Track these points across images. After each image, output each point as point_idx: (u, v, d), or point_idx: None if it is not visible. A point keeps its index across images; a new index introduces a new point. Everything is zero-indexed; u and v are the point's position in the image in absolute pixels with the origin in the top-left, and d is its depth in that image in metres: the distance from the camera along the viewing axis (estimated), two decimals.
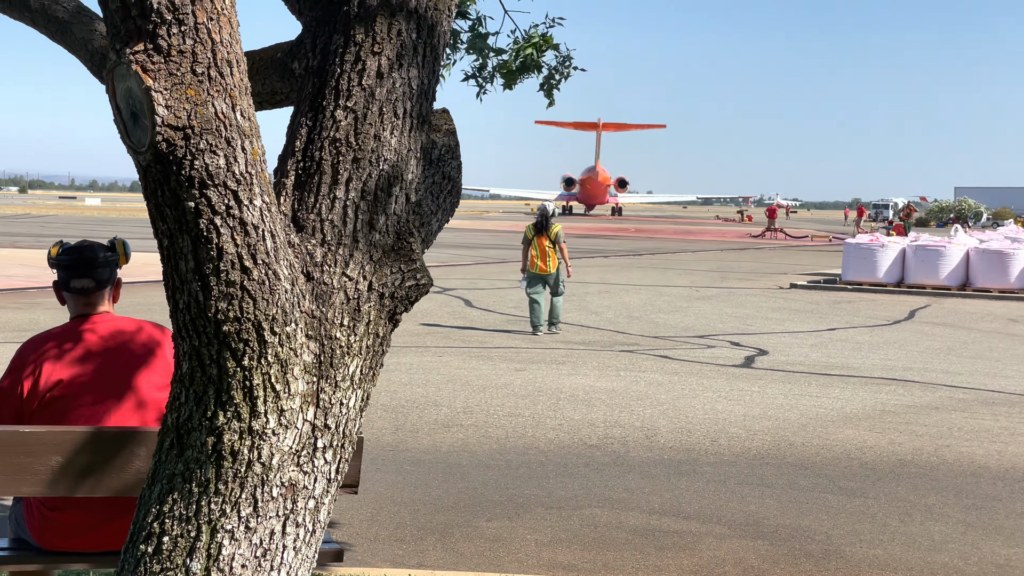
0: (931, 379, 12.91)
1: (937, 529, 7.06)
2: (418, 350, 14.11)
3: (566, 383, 11.99)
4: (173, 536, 2.55)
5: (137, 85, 2.29)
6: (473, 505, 7.31)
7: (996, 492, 7.99)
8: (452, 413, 10.21)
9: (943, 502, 7.69)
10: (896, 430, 9.95)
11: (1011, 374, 13.46)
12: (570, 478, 8.06)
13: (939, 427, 10.13)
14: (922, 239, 27.52)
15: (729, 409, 10.74)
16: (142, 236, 4.43)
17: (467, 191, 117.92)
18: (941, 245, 25.79)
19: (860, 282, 25.95)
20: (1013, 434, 9.91)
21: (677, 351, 14.87)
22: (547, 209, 16.96)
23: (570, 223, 73.01)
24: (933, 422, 10.36)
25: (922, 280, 25.42)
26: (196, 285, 2.45)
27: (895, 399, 11.53)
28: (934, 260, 25.41)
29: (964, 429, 10.07)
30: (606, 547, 6.53)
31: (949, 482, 8.23)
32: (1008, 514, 7.44)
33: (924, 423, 10.30)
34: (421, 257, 2.80)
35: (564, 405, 10.73)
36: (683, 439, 9.40)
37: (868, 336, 17.24)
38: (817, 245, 53.34)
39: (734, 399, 11.30)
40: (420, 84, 2.77)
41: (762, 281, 27.79)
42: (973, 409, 11.08)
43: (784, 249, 47.80)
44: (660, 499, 7.58)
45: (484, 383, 11.86)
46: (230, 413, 2.52)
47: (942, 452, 9.15)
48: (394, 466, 8.25)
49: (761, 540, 6.74)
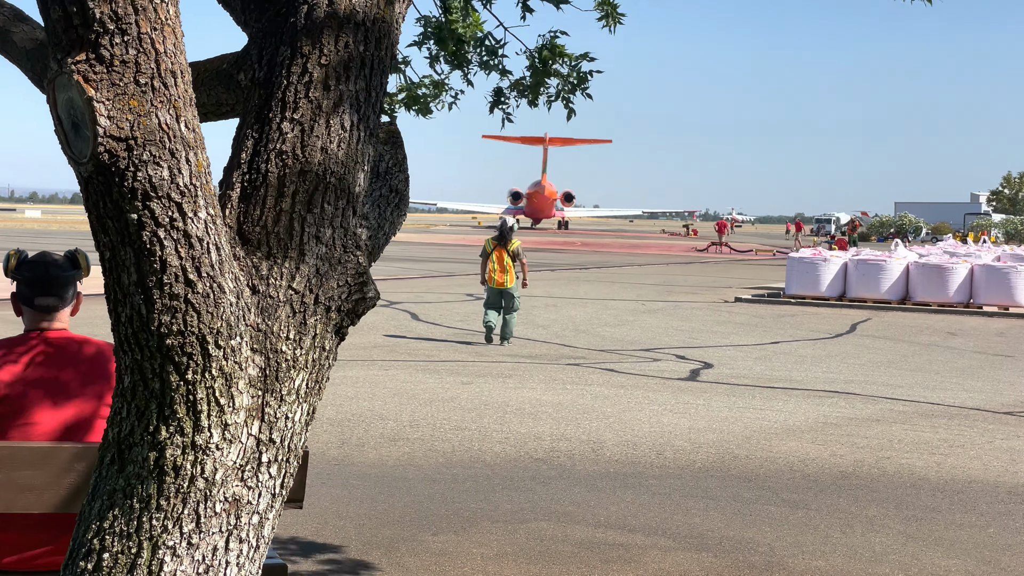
0: (872, 392, 13.05)
1: (878, 540, 7.13)
2: (365, 363, 14.06)
3: (513, 396, 11.99)
4: (114, 553, 2.51)
5: (79, 95, 2.26)
6: (419, 519, 7.29)
7: (936, 503, 8.08)
8: (398, 427, 10.17)
9: (884, 513, 7.77)
10: (838, 442, 10.05)
11: (950, 387, 13.64)
12: (516, 492, 8.06)
13: (880, 439, 10.24)
14: (863, 254, 27.85)
15: (674, 422, 10.80)
16: (84, 249, 4.37)
17: (414, 204, 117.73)
18: (882, 260, 26.12)
19: (803, 296, 26.20)
20: (952, 446, 10.04)
21: (623, 364, 14.93)
22: (507, 223, 17.25)
23: (518, 237, 73.05)
24: (874, 434, 10.47)
25: (863, 294, 25.71)
26: (139, 298, 2.42)
27: (837, 411, 11.64)
28: (875, 274, 25.72)
29: (904, 441, 10.19)
30: (552, 561, 6.53)
31: (890, 494, 8.32)
32: (948, 525, 7.54)
33: (865, 435, 10.41)
34: (368, 270, 2.78)
35: (511, 418, 10.73)
36: (629, 452, 9.43)
37: (811, 349, 17.40)
38: (761, 259, 53.82)
39: (679, 412, 11.36)
40: (368, 96, 2.76)
41: (707, 295, 27.98)
42: (913, 421, 11.22)
43: (729, 263, 48.18)
44: (606, 512, 7.59)
45: (431, 396, 11.83)
46: (173, 428, 2.49)
47: (883, 464, 9.25)
48: (340, 480, 8.20)
49: (705, 552, 6.77)
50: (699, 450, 9.57)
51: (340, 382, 12.20)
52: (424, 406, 11.24)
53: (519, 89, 6.00)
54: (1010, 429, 10.96)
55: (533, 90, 5.96)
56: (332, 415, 10.47)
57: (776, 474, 8.81)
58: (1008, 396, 13.03)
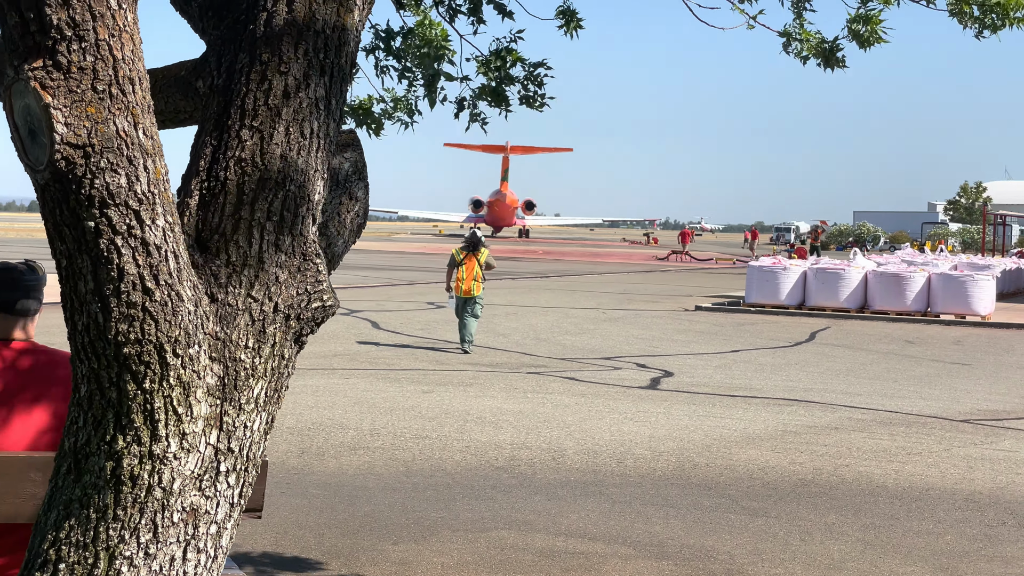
0: (831, 400, 13.14)
1: (837, 548, 7.18)
2: (324, 372, 14.00)
3: (473, 405, 11.98)
4: (70, 563, 2.49)
5: (36, 102, 2.24)
6: (379, 528, 7.26)
7: (894, 511, 8.15)
8: (359, 436, 10.14)
9: (842, 521, 7.82)
10: (797, 450, 10.11)
11: (907, 395, 13.76)
12: (477, 500, 8.05)
13: (839, 447, 10.31)
14: (822, 262, 28.06)
15: (635, 430, 10.82)
16: (40, 257, 4.32)
17: (374, 212, 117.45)
18: (841, 268, 26.31)
19: (763, 304, 26.36)
20: (910, 454, 10.13)
21: (584, 373, 14.95)
22: (477, 234, 17.55)
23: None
24: (833, 442, 10.54)
25: (822, 302, 25.90)
26: (96, 306, 2.40)
27: (796, 420, 11.71)
28: (834, 283, 25.91)
29: (863, 449, 10.26)
30: (512, 569, 6.53)
31: (848, 501, 8.38)
32: (905, 532, 7.59)
33: (824, 443, 10.48)
34: (327, 278, 2.78)
35: (471, 427, 10.72)
36: (589, 460, 9.45)
37: (770, 358, 17.50)
38: (721, 268, 54.09)
39: (640, 420, 11.39)
40: (327, 104, 2.75)
41: (667, 303, 28.09)
42: (871, 429, 11.30)
43: (689, 272, 48.39)
44: (566, 520, 7.59)
45: (391, 405, 11.80)
46: (130, 437, 2.47)
47: (841, 472, 9.31)
48: (299, 489, 8.16)
49: (666, 560, 6.79)
50: (659, 458, 9.60)
51: (300, 391, 12.14)
52: (385, 415, 11.21)
53: (485, 93, 6.01)
54: (967, 437, 11.06)
55: (495, 95, 5.97)
56: (292, 424, 10.42)
57: (736, 482, 8.85)
58: (965, 404, 13.16)
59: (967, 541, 7.45)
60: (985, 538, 7.53)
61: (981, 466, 9.70)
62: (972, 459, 9.99)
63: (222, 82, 2.75)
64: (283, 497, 7.84)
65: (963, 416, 12.31)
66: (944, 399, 13.48)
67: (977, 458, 10.04)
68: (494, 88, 5.95)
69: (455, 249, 17.57)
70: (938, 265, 28.65)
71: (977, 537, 7.56)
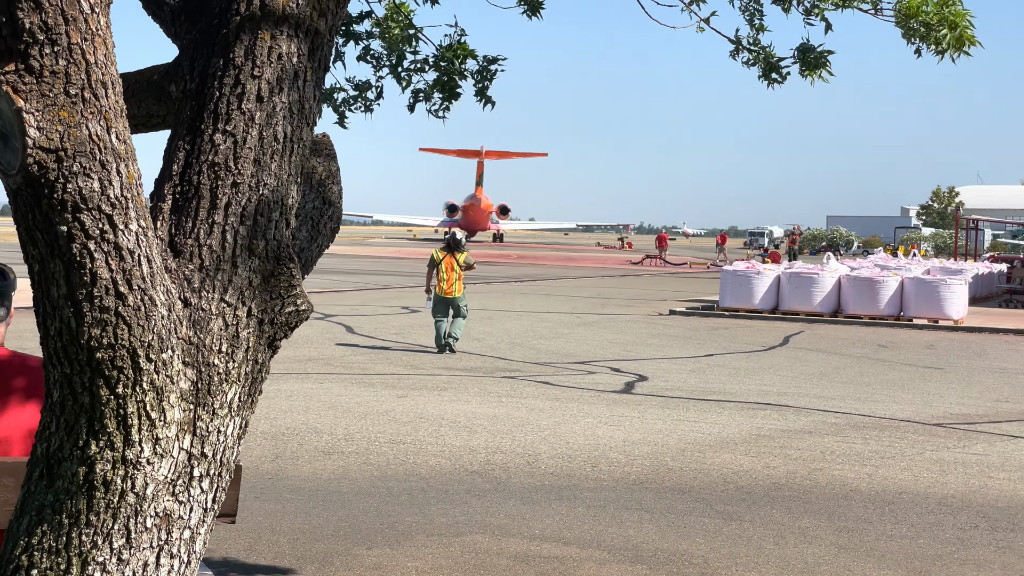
0: (804, 404, 13.20)
1: (811, 552, 7.21)
2: (299, 377, 13.96)
3: (448, 409, 11.97)
4: (42, 569, 2.48)
5: (8, 106, 2.23)
6: (353, 533, 7.25)
7: (867, 515, 8.19)
8: (333, 440, 10.11)
9: (816, 525, 7.85)
10: (771, 454, 10.15)
11: (880, 398, 13.83)
12: (451, 505, 8.04)
13: (812, 451, 10.36)
14: (796, 267, 28.18)
15: (609, 435, 10.84)
16: (12, 261, 4.27)
17: (348, 217, 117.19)
18: (814, 273, 26.43)
19: (737, 308, 26.44)
20: (883, 457, 10.18)
21: (558, 377, 14.96)
22: (457, 235, 17.79)
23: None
24: (806, 446, 10.59)
25: (796, 307, 26.00)
26: (69, 311, 2.39)
27: (770, 423, 11.76)
28: (807, 287, 26.02)
29: (836, 453, 10.31)
30: (486, 574, 6.52)
31: (822, 505, 8.41)
32: (879, 536, 7.63)
33: (798, 447, 10.52)
34: (301, 283, 2.77)
35: (446, 431, 10.71)
36: (564, 465, 9.45)
37: (744, 362, 17.56)
38: (696, 272, 54.23)
39: (614, 425, 11.41)
40: (301, 108, 2.75)
41: (642, 308, 28.14)
42: (844, 433, 11.36)
43: (663, 276, 48.49)
44: (541, 525, 7.60)
45: (365, 410, 11.78)
46: (103, 442, 2.46)
47: (815, 475, 9.35)
48: (273, 494, 8.14)
49: (640, 564, 6.80)
50: (634, 462, 9.62)
51: (274, 395, 12.10)
52: (359, 419, 11.19)
53: (439, 86, 6.02)
54: (939, 440, 11.13)
55: (447, 88, 5.99)
56: (266, 429, 10.39)
57: (710, 486, 8.87)
58: (937, 408, 13.24)
59: (940, 544, 7.50)
60: (958, 541, 7.58)
61: (954, 470, 9.77)
62: (945, 463, 10.06)
63: (195, 86, 2.74)
64: (257, 502, 7.81)
65: (936, 420, 12.38)
66: (917, 403, 13.55)
67: (950, 462, 10.10)
68: (446, 82, 5.97)
69: (435, 250, 17.67)
70: (911, 270, 28.81)
71: (950, 540, 7.60)
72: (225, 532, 6.88)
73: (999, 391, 14.88)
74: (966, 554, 7.29)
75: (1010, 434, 11.64)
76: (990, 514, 8.31)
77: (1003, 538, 7.69)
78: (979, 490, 9.05)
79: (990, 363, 18.46)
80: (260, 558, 6.66)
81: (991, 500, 8.74)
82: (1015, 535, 7.78)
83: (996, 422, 12.40)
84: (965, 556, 7.24)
